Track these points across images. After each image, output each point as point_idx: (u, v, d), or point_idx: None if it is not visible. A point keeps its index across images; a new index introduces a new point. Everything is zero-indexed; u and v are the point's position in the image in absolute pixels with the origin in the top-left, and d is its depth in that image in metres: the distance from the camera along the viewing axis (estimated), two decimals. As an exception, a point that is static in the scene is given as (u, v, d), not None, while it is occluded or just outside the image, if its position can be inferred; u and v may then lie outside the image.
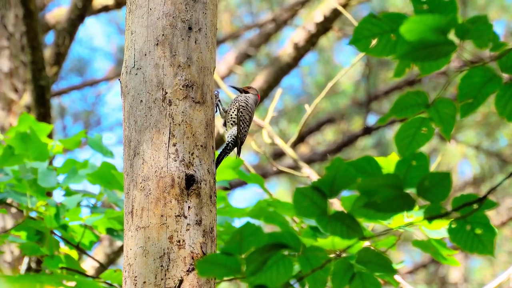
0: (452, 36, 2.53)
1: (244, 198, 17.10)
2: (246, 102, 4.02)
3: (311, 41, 8.54)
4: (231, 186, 5.33)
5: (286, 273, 2.62)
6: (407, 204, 2.56)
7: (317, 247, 2.64)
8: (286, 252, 2.61)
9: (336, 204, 5.18)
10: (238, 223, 5.03)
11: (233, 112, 3.99)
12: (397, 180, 2.53)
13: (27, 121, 5.32)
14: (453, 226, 2.63)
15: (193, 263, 3.38)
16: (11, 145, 4.96)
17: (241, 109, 3.99)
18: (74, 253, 5.12)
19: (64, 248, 5.09)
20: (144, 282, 3.37)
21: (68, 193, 5.05)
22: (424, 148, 2.65)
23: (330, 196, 2.57)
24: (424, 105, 2.66)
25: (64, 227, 5.00)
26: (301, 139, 11.04)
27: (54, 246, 4.90)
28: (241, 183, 10.45)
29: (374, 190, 2.52)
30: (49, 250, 4.89)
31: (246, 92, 4.13)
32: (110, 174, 4.98)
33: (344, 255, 2.66)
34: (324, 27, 8.47)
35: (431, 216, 2.59)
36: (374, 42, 2.61)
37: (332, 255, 2.65)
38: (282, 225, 4.75)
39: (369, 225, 4.81)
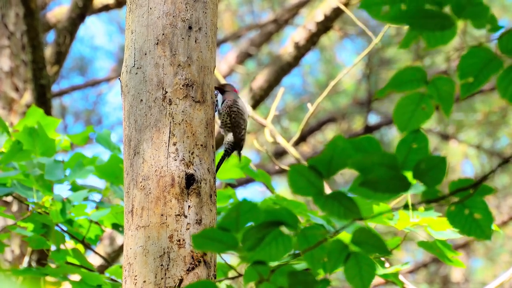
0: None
1: (245, 197, 17.07)
2: (237, 106, 3.98)
3: (312, 40, 8.54)
4: (232, 185, 5.33)
5: (284, 249, 2.62)
6: (403, 186, 2.56)
7: (314, 225, 2.64)
8: (284, 230, 2.62)
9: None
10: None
11: (226, 119, 3.95)
12: (392, 160, 2.54)
13: (35, 114, 5.33)
14: (451, 209, 2.64)
15: (193, 263, 3.38)
16: (19, 140, 4.97)
17: (232, 115, 3.96)
18: (80, 247, 5.14)
19: (69, 242, 5.10)
20: (144, 281, 3.37)
21: (74, 188, 5.06)
22: (426, 146, 2.66)
23: (327, 176, 2.57)
24: (423, 81, 2.67)
25: (70, 222, 5.01)
26: (302, 138, 11.04)
27: (60, 240, 4.91)
28: (242, 182, 10.44)
29: (369, 168, 2.52)
30: (55, 243, 4.90)
31: (222, 91, 4.06)
32: (118, 168, 4.98)
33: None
34: (325, 26, 8.46)
35: (429, 199, 2.60)
36: (385, 8, 2.62)
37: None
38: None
39: (371, 225, 4.80)
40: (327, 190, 2.60)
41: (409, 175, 2.58)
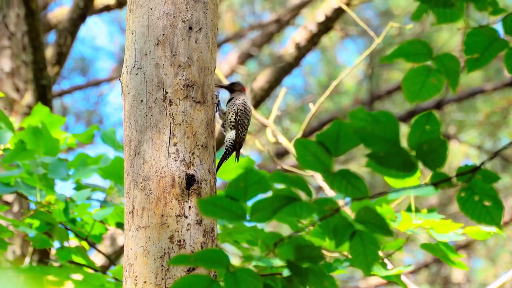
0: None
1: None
2: (245, 106, 3.98)
3: (313, 41, 8.54)
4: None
5: (309, 211, 2.63)
6: (408, 165, 2.57)
7: (326, 199, 2.63)
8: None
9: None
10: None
11: (231, 116, 3.95)
12: (394, 134, 2.54)
13: (40, 113, 5.34)
14: (461, 195, 2.65)
15: (193, 263, 3.38)
16: (23, 139, 4.98)
17: (239, 113, 3.96)
18: (84, 244, 5.14)
19: (73, 238, 5.10)
20: (145, 282, 3.37)
21: (79, 186, 5.07)
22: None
23: (335, 153, 2.57)
24: (428, 55, 2.71)
25: (73, 221, 5.02)
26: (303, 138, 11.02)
27: (64, 237, 4.92)
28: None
29: (371, 140, 2.53)
30: (59, 240, 4.91)
31: (231, 89, 4.08)
32: (122, 168, 4.99)
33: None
34: (326, 26, 8.46)
35: (437, 182, 2.60)
36: None
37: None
38: (291, 224, 4.74)
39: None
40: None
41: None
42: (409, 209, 4.60)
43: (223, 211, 2.62)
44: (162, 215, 3.41)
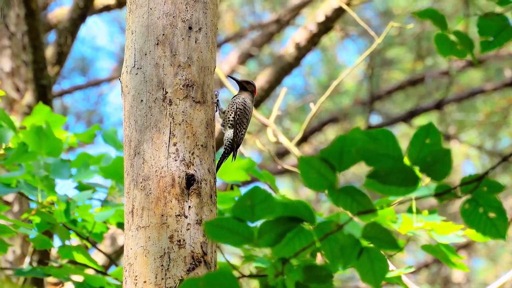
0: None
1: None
2: (244, 105, 3.99)
3: (313, 41, 8.54)
4: (233, 186, 5.32)
5: (307, 244, 2.61)
6: (411, 180, 2.55)
7: (329, 220, 2.62)
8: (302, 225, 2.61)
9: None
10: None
11: (230, 115, 3.96)
12: (397, 151, 2.52)
13: (41, 112, 5.34)
14: (466, 208, 2.64)
15: (193, 263, 3.38)
16: (25, 140, 4.98)
17: (238, 112, 3.97)
18: (87, 243, 5.15)
19: (74, 235, 5.11)
20: (145, 282, 3.37)
21: (81, 186, 5.07)
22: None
23: (339, 169, 2.55)
24: (444, 26, 2.82)
25: (74, 222, 5.02)
26: (303, 138, 11.04)
27: (65, 236, 4.92)
28: (243, 183, 10.43)
29: (375, 158, 2.51)
30: (61, 238, 4.91)
31: (244, 87, 4.10)
32: (123, 168, 5.00)
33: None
34: (326, 26, 8.46)
35: (440, 192, 2.59)
36: None
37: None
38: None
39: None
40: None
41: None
42: (410, 211, 4.60)
43: (230, 233, 2.58)
44: (162, 215, 3.41)
